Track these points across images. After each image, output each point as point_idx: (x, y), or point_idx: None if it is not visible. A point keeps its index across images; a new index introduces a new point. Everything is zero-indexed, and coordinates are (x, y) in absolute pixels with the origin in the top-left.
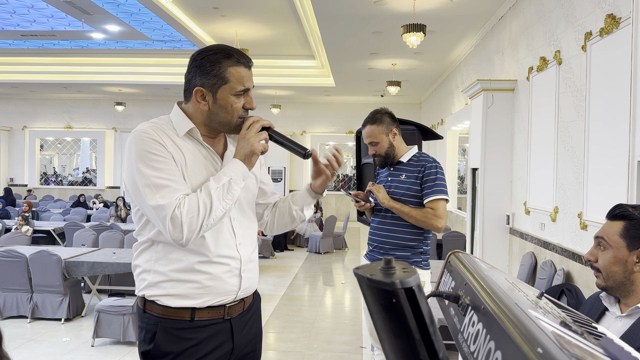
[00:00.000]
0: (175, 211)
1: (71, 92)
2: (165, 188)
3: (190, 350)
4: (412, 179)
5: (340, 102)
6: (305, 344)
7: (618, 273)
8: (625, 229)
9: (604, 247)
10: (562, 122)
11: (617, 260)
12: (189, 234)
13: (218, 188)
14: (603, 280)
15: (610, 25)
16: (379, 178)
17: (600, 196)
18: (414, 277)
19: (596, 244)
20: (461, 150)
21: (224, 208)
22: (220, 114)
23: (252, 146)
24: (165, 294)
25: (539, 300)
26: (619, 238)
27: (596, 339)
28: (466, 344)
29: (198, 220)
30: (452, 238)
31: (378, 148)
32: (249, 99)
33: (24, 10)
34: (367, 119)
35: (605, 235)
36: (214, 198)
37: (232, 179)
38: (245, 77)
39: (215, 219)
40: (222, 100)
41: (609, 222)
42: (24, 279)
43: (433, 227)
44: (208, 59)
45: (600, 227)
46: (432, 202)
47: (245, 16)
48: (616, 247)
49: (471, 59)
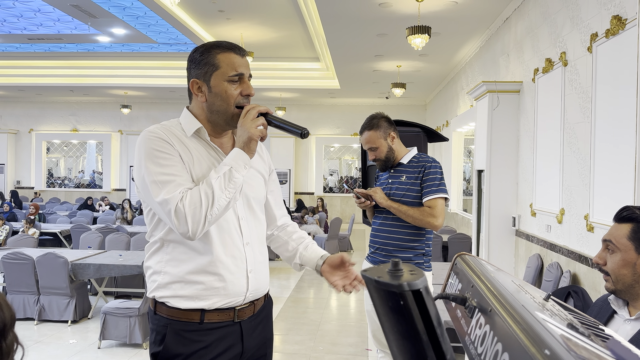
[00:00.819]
0: (178, 204)
1: (77, 95)
2: (171, 183)
3: (200, 352)
4: (413, 180)
5: (345, 104)
6: (311, 347)
7: (627, 276)
8: (634, 232)
9: (612, 250)
10: (568, 124)
11: (625, 263)
12: (194, 226)
13: (219, 177)
14: (612, 283)
15: (616, 26)
16: (379, 180)
17: (607, 198)
18: (422, 280)
19: (604, 247)
20: (466, 152)
21: (227, 197)
22: (217, 102)
23: (249, 132)
24: (174, 295)
25: (546, 302)
26: (627, 241)
27: (603, 342)
28: (473, 346)
29: (201, 212)
30: (458, 240)
31: (378, 153)
32: (245, 85)
33: (30, 14)
34: (364, 125)
35: (613, 238)
36: (215, 188)
37: (232, 167)
38: (237, 63)
39: (219, 208)
40: (216, 87)
41: (616, 225)
42: (31, 281)
43: (430, 225)
44: (198, 51)
45: (606, 229)
46: (430, 201)
47: (250, 19)
48: (624, 249)
49: (476, 60)
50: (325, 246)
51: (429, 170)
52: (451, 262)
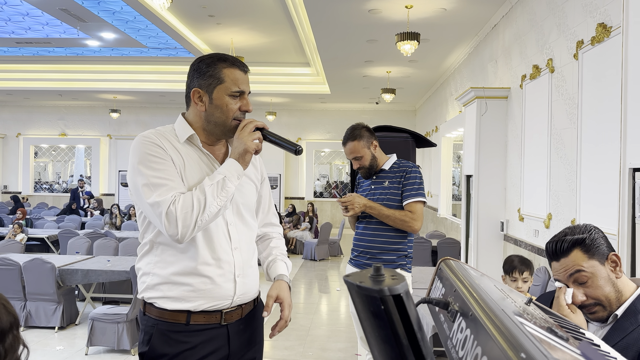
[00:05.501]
0: (170, 207)
1: (66, 99)
2: (162, 187)
3: (185, 353)
4: (395, 184)
5: (335, 109)
6: (301, 352)
7: (611, 291)
8: (586, 250)
9: (587, 278)
10: (555, 130)
11: (604, 280)
12: (184, 230)
13: (212, 185)
14: (604, 309)
15: (602, 34)
16: (361, 186)
17: (593, 203)
18: (402, 284)
19: (576, 283)
20: (456, 157)
21: (218, 205)
22: (216, 114)
23: (246, 144)
24: (162, 296)
25: (527, 306)
26: (589, 260)
27: (579, 343)
28: (455, 350)
29: (192, 216)
30: (447, 245)
31: (362, 161)
32: (245, 102)
33: (19, 17)
34: (346, 136)
35: (580, 266)
36: (207, 195)
37: (226, 177)
38: (240, 79)
39: (209, 214)
40: (218, 100)
41: (566, 258)
42: (17, 287)
43: (410, 228)
44: (204, 62)
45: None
46: (410, 205)
47: (241, 24)
48: (594, 268)
49: (465, 67)
50: (316, 251)
51: (409, 174)
52: (435, 267)
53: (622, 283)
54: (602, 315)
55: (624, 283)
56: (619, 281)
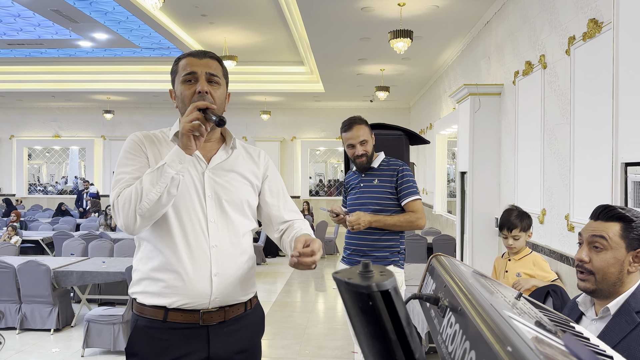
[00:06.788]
0: (115, 200)
1: (59, 101)
2: (120, 182)
3: (162, 350)
4: (387, 183)
5: (329, 108)
6: (297, 350)
7: (614, 274)
8: (625, 230)
9: (602, 248)
10: (548, 125)
11: (616, 261)
12: (126, 221)
13: (152, 172)
14: (594, 282)
15: (593, 29)
16: (349, 184)
17: (586, 198)
18: (390, 280)
19: (591, 245)
20: (450, 154)
21: (157, 192)
22: (181, 105)
23: (180, 126)
24: (142, 291)
25: (517, 301)
26: (619, 239)
27: (564, 335)
28: (444, 345)
29: (131, 206)
30: (443, 241)
31: (368, 147)
32: (200, 83)
33: (10, 19)
34: (353, 120)
35: (607, 235)
36: (144, 182)
37: (166, 163)
38: (190, 63)
39: (148, 202)
40: (178, 91)
41: (602, 223)
42: (12, 290)
43: (418, 226)
44: (174, 62)
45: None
46: (410, 204)
47: (234, 23)
48: (616, 247)
49: (458, 63)
50: None
51: (402, 174)
52: (427, 263)
53: (629, 277)
54: (589, 286)
55: (631, 279)
56: (628, 274)
